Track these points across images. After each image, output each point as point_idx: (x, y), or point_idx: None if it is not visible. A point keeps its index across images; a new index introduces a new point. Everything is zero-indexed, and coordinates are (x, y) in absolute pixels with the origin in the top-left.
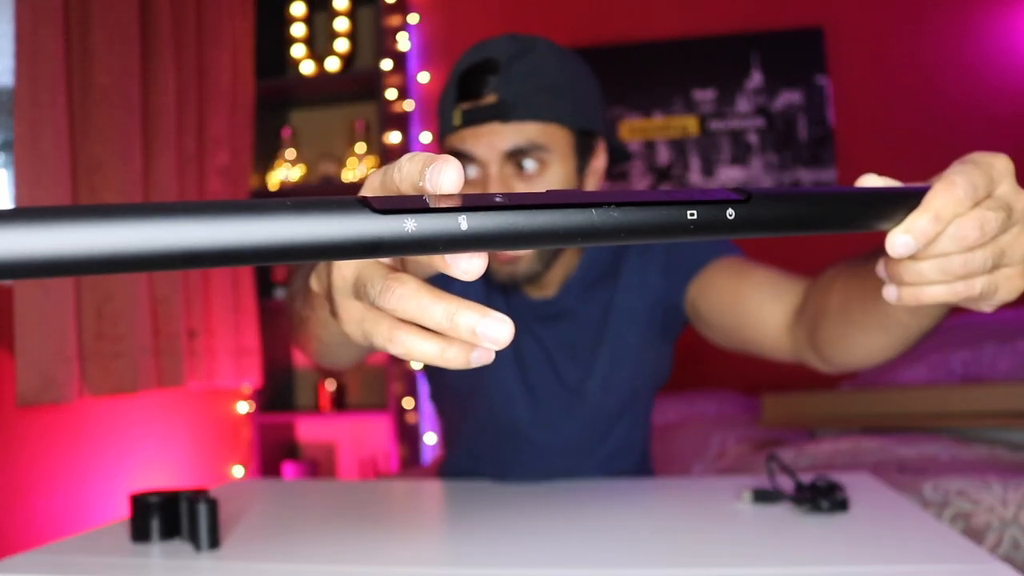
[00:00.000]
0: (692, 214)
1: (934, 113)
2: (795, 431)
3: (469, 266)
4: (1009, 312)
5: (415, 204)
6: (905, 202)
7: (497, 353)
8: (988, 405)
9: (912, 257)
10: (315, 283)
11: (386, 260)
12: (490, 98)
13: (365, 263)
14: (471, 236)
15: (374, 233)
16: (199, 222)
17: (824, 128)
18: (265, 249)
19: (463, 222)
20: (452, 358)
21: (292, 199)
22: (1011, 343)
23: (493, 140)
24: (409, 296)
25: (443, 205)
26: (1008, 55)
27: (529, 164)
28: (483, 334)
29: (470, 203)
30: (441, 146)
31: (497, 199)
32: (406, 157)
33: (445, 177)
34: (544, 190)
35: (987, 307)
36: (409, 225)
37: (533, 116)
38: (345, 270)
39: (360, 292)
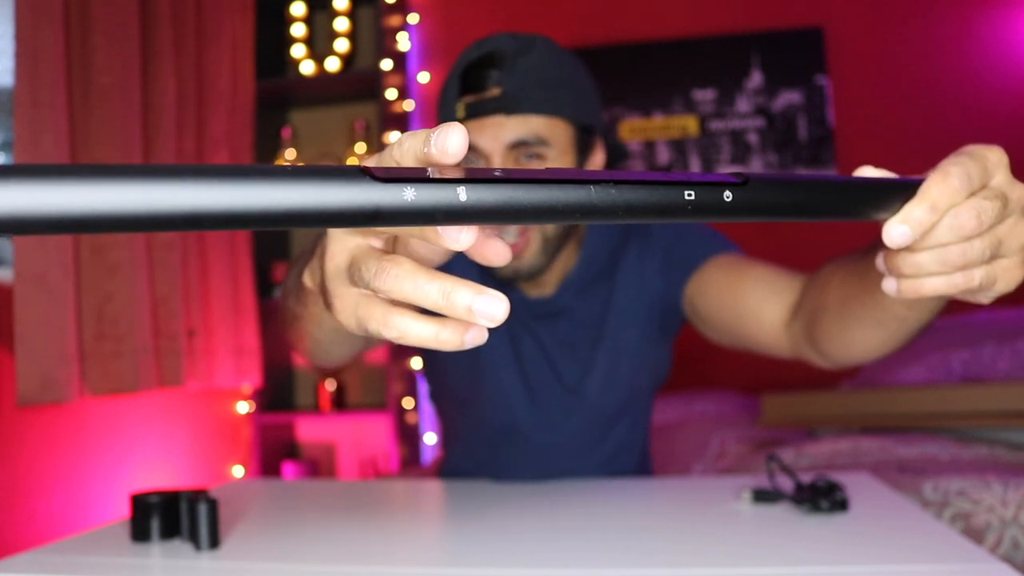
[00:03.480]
0: (690, 195)
1: (934, 113)
2: (795, 431)
3: (460, 235)
4: (1009, 312)
5: (415, 174)
6: (901, 192)
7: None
8: (988, 405)
9: (910, 249)
10: (308, 279)
11: (379, 244)
12: (494, 91)
13: (358, 247)
14: (470, 208)
15: (374, 201)
16: (203, 184)
17: (824, 128)
18: (265, 213)
19: (462, 193)
20: (447, 339)
21: (294, 165)
22: (1011, 343)
23: (497, 132)
24: (404, 276)
25: (443, 176)
26: (1008, 55)
27: (531, 157)
28: (479, 311)
29: (470, 176)
30: None
31: (496, 173)
32: (406, 134)
33: (451, 139)
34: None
35: (985, 299)
36: (408, 194)
37: (537, 109)
38: (338, 256)
39: (354, 276)
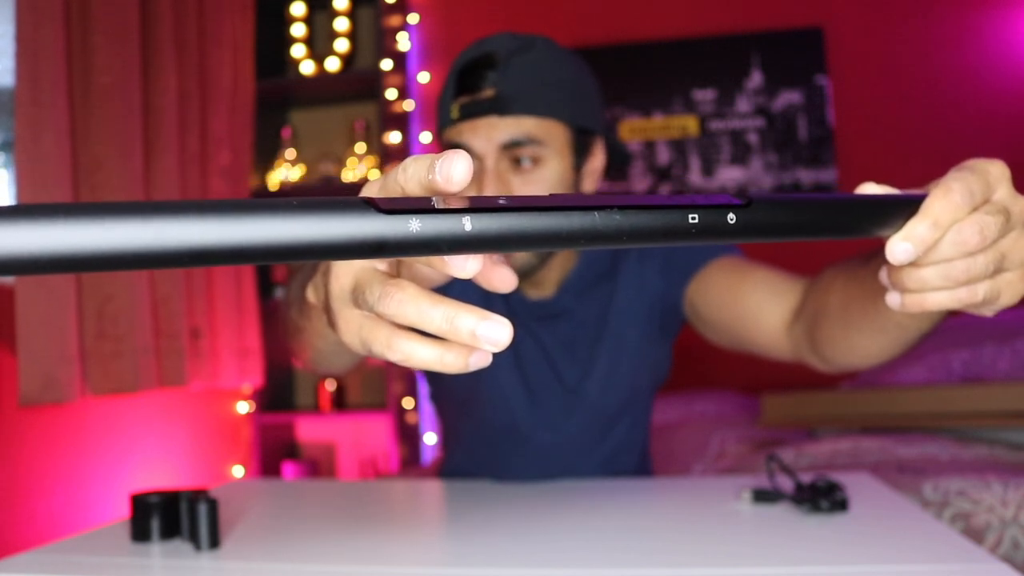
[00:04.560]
0: (694, 218)
1: (934, 113)
2: (795, 431)
3: (466, 263)
4: (1009, 312)
5: (420, 205)
6: (904, 209)
7: (496, 354)
8: (988, 405)
9: (914, 264)
10: (311, 295)
11: (383, 267)
12: (488, 92)
13: (363, 270)
14: (475, 237)
15: (379, 233)
16: (206, 221)
17: (824, 128)
18: (271, 248)
19: (467, 223)
20: (451, 362)
21: (298, 199)
22: (1011, 343)
23: (491, 133)
24: (408, 301)
25: (447, 206)
26: (1008, 56)
27: (525, 158)
28: (483, 336)
29: (474, 205)
30: (439, 140)
31: (501, 201)
32: (410, 159)
33: (456, 168)
34: (540, 185)
35: (989, 312)
36: (414, 225)
37: (530, 111)
38: (343, 278)
39: (358, 299)
